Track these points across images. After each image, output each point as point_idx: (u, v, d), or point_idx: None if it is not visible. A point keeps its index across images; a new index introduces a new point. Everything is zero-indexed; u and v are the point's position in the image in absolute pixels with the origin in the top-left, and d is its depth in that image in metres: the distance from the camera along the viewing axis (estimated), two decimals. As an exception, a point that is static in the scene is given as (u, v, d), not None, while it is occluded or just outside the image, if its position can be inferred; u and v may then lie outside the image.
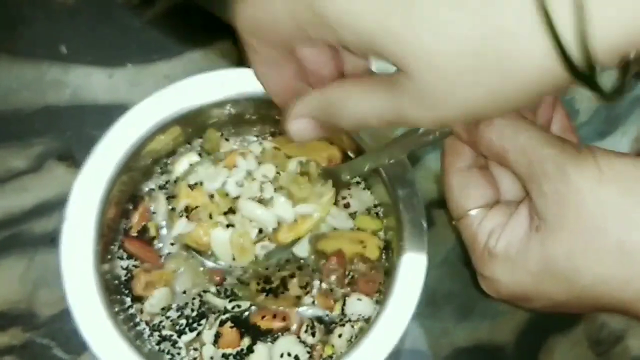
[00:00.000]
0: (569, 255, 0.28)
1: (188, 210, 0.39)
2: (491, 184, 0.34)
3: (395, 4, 0.23)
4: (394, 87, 0.25)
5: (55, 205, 0.47)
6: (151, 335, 0.42)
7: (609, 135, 0.50)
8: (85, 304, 0.38)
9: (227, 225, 0.38)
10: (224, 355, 0.41)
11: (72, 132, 0.49)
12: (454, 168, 0.34)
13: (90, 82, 0.50)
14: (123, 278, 0.43)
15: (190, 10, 0.51)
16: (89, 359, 0.44)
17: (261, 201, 0.38)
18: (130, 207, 0.44)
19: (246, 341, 0.41)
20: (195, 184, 0.39)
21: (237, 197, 0.39)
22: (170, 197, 0.43)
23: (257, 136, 0.45)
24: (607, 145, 0.49)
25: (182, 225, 0.39)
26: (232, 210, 0.39)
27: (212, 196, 0.39)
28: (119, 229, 0.43)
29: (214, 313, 0.42)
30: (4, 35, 0.51)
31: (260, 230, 0.38)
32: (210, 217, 0.38)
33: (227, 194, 0.39)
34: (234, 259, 0.39)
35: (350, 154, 0.44)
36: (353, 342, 0.41)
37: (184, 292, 0.43)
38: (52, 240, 0.46)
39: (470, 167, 0.33)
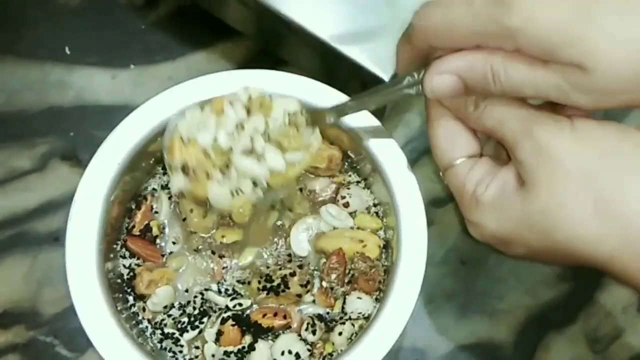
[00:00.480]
0: (545, 211, 0.30)
1: (184, 168, 0.38)
2: (475, 135, 0.35)
3: (575, 12, 0.27)
4: (567, 73, 0.28)
5: (59, 205, 0.47)
6: (153, 333, 0.42)
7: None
8: (89, 303, 0.38)
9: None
10: (225, 352, 0.41)
11: (75, 133, 0.49)
12: (439, 119, 0.35)
13: (94, 83, 0.50)
14: (126, 277, 0.43)
15: (192, 12, 0.51)
16: (92, 357, 0.45)
17: (252, 152, 0.38)
18: (133, 207, 0.44)
19: (247, 339, 0.42)
20: (189, 139, 0.38)
21: (229, 150, 0.38)
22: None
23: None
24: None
25: (179, 182, 0.38)
26: (226, 165, 0.38)
27: (206, 153, 0.38)
28: (122, 228, 0.44)
29: (215, 311, 0.42)
30: (8, 37, 0.51)
31: (255, 183, 0.38)
32: (208, 175, 0.38)
33: (221, 151, 0.38)
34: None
35: (351, 154, 0.44)
36: (353, 340, 0.41)
37: (186, 291, 0.43)
38: (55, 239, 0.47)
39: (455, 118, 0.35)
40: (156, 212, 0.44)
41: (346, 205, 0.44)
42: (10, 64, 0.50)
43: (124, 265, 0.43)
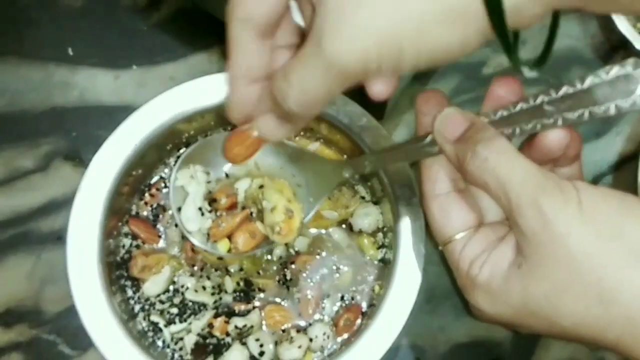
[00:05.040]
0: (548, 296, 0.28)
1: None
2: (472, 207, 0.34)
3: None
4: (314, 39, 0.26)
5: (62, 204, 0.48)
6: (143, 318, 0.43)
7: (604, 134, 0.50)
8: (91, 302, 0.39)
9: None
10: (204, 345, 0.42)
11: (78, 133, 0.49)
12: (433, 195, 0.34)
13: (97, 84, 0.50)
14: (124, 256, 0.43)
15: (194, 13, 0.51)
16: (95, 356, 0.45)
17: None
18: (136, 202, 0.45)
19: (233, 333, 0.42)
20: None
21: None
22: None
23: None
24: (601, 145, 0.50)
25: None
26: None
27: None
28: (124, 225, 0.44)
29: (207, 308, 0.43)
30: (12, 38, 0.51)
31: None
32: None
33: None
34: None
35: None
36: (352, 338, 0.41)
37: (182, 286, 0.43)
38: (58, 238, 0.47)
39: (448, 193, 0.34)
40: (158, 209, 0.45)
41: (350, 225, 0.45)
42: (14, 64, 0.51)
43: (123, 246, 0.44)
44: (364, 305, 0.43)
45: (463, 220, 0.33)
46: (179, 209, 0.40)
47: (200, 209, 0.40)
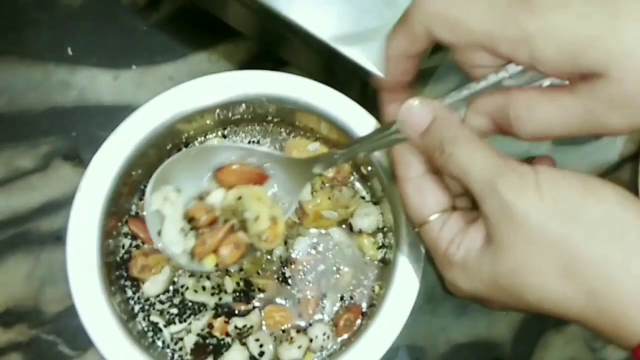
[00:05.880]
0: (514, 274, 0.30)
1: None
2: (446, 189, 0.34)
3: (597, 16, 0.26)
4: (587, 92, 0.27)
5: (61, 204, 0.48)
6: (143, 318, 0.43)
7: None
8: (90, 301, 0.39)
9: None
10: (204, 344, 0.42)
11: (78, 133, 0.49)
12: (407, 177, 0.34)
13: (96, 84, 0.50)
14: (124, 256, 0.43)
15: (193, 13, 0.51)
16: (94, 356, 0.45)
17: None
18: (136, 202, 0.44)
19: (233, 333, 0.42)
20: None
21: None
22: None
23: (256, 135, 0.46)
24: (601, 146, 0.50)
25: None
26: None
27: None
28: (123, 225, 0.44)
29: (207, 308, 0.43)
30: (12, 38, 0.52)
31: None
32: None
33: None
34: None
35: (362, 169, 0.45)
36: (352, 338, 0.41)
37: (182, 286, 0.43)
38: (58, 238, 0.47)
39: (422, 175, 0.34)
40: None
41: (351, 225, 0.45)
42: (14, 64, 0.51)
43: (123, 246, 0.44)
44: (364, 306, 0.43)
45: (438, 201, 0.34)
46: (159, 233, 0.40)
47: (182, 229, 0.40)
